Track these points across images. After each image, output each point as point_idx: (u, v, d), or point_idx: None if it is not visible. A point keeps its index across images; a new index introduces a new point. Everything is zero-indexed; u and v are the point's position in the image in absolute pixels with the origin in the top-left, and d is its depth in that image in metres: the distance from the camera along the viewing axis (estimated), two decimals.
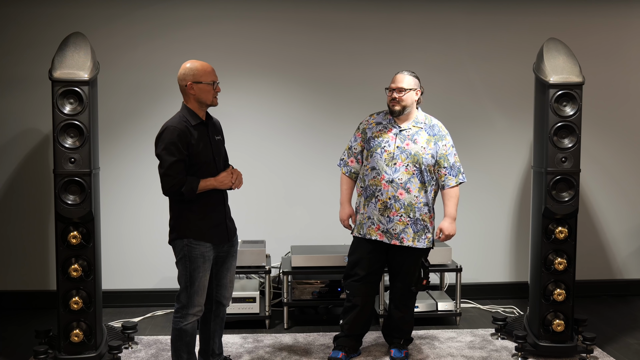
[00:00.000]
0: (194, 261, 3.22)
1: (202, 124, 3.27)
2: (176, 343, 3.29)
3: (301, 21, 4.98)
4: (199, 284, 3.24)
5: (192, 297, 3.24)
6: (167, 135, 3.13)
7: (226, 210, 3.38)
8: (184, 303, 3.25)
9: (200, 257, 3.22)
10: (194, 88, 3.20)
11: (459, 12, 5.07)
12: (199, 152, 3.19)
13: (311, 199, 5.06)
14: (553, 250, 3.94)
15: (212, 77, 3.23)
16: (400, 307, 3.88)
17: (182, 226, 3.23)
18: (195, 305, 3.26)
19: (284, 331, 4.42)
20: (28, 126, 4.86)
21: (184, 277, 3.24)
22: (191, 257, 3.22)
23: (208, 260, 3.26)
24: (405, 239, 3.69)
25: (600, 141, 5.23)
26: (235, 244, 3.46)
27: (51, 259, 4.83)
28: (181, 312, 3.26)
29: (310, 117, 5.04)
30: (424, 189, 3.70)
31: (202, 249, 3.23)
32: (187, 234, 3.22)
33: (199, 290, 3.25)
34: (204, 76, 3.21)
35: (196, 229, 3.22)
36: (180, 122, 3.18)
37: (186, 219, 3.23)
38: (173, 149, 3.11)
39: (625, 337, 4.36)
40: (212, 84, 3.22)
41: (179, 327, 3.26)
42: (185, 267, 3.24)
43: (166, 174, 3.12)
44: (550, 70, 3.86)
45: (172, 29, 4.88)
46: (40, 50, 4.72)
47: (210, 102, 3.25)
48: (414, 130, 3.73)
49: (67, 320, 3.72)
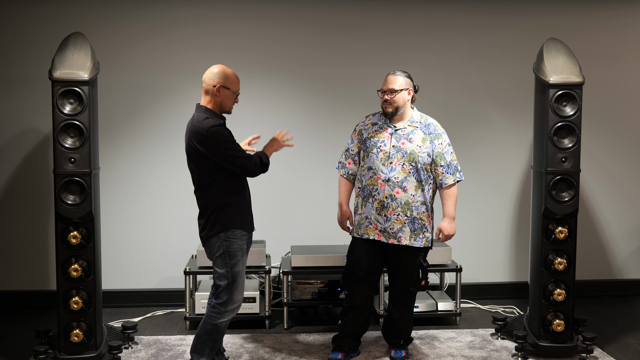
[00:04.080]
0: (234, 255, 3.28)
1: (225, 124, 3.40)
2: (204, 336, 3.32)
3: (301, 21, 4.98)
4: (241, 279, 3.30)
5: (233, 293, 3.29)
6: (221, 131, 3.25)
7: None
8: (224, 300, 3.29)
9: (239, 250, 3.30)
10: (221, 92, 3.30)
11: (459, 12, 5.07)
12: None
13: (311, 199, 5.06)
14: (553, 250, 3.94)
15: (238, 87, 3.37)
16: (400, 307, 3.88)
17: (225, 218, 3.28)
18: (235, 302, 3.31)
19: (284, 331, 4.42)
20: (28, 126, 4.86)
21: (225, 273, 3.28)
22: (230, 251, 3.27)
23: (245, 254, 3.34)
24: (402, 238, 3.69)
25: (600, 141, 5.23)
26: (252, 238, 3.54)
27: (51, 259, 4.83)
28: (219, 308, 3.30)
29: (310, 117, 5.04)
30: (421, 188, 3.70)
31: (239, 243, 3.30)
32: (229, 225, 3.27)
33: (239, 286, 3.31)
34: (233, 84, 3.33)
35: (238, 218, 3.31)
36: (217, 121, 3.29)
37: (231, 209, 3.29)
38: (232, 138, 3.29)
39: (625, 337, 4.36)
40: (237, 93, 3.35)
41: (215, 323, 3.31)
42: (225, 263, 3.28)
43: (246, 157, 3.28)
44: (550, 70, 3.86)
45: (172, 29, 4.88)
46: (40, 50, 4.72)
47: (228, 109, 3.37)
48: (410, 130, 3.73)
49: (67, 320, 3.72)
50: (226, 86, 3.29)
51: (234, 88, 3.33)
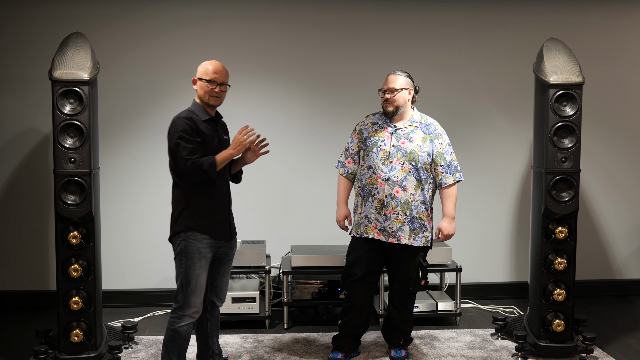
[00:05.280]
0: (190, 257, 3.18)
1: (212, 120, 3.31)
2: (168, 344, 3.23)
3: (301, 21, 4.98)
4: (196, 282, 3.19)
5: (189, 296, 3.19)
6: (179, 124, 3.17)
7: (229, 209, 3.39)
8: (181, 303, 3.20)
9: (196, 252, 3.18)
10: (197, 84, 3.28)
11: (459, 12, 5.07)
12: (206, 145, 3.21)
13: (311, 199, 5.06)
14: (553, 250, 3.94)
15: (209, 75, 3.25)
16: (400, 307, 3.88)
17: (186, 218, 3.21)
18: (192, 306, 3.20)
19: (284, 331, 4.42)
20: (28, 126, 4.86)
21: (180, 274, 3.21)
22: (187, 252, 3.19)
23: (204, 258, 3.21)
24: (402, 237, 3.69)
25: (600, 141, 5.23)
26: (234, 247, 3.45)
27: (51, 259, 4.83)
28: (177, 313, 3.20)
29: (310, 117, 5.04)
30: (421, 187, 3.70)
31: (198, 245, 3.18)
32: (190, 226, 3.19)
33: (195, 290, 3.20)
34: (203, 73, 3.26)
35: (200, 221, 3.20)
36: (189, 113, 3.23)
37: (192, 211, 3.21)
38: (187, 136, 3.14)
39: (625, 337, 4.36)
40: (212, 82, 3.24)
41: (174, 328, 3.21)
42: (181, 263, 3.20)
43: (186, 159, 3.12)
44: (550, 70, 3.86)
45: (172, 29, 4.88)
46: (40, 50, 4.72)
47: (206, 100, 3.27)
48: (410, 129, 3.73)
49: (67, 320, 3.72)
50: (199, 77, 3.26)
51: (205, 77, 3.24)
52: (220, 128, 3.38)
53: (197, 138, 3.17)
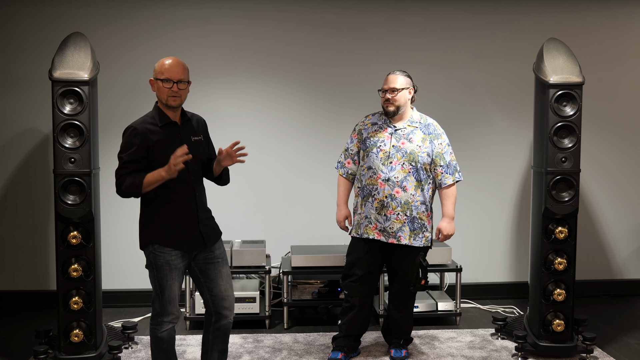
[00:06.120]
0: (160, 269, 3.05)
1: (172, 124, 3.08)
2: (154, 351, 3.17)
3: (301, 21, 4.98)
4: (169, 292, 3.07)
5: (165, 305, 3.09)
6: (125, 136, 3.04)
7: (200, 216, 3.12)
8: (158, 311, 3.11)
9: (165, 264, 3.04)
10: (154, 85, 3.05)
11: (459, 12, 5.07)
12: (162, 153, 2.99)
13: (311, 199, 5.06)
14: (553, 250, 3.94)
15: (167, 74, 2.99)
16: (400, 307, 3.88)
17: (149, 231, 3.09)
18: (170, 313, 3.10)
19: (284, 331, 4.42)
20: (28, 126, 4.86)
21: (154, 284, 3.11)
22: (157, 264, 3.06)
23: (175, 269, 3.06)
24: (402, 238, 3.69)
25: (600, 141, 5.23)
26: (216, 250, 3.19)
27: (51, 259, 4.83)
28: (156, 320, 3.13)
29: (310, 117, 5.04)
30: (421, 187, 3.70)
31: (166, 257, 3.04)
32: (153, 240, 3.06)
33: (171, 299, 3.08)
34: (159, 73, 3.01)
35: (162, 234, 3.05)
36: (142, 122, 3.05)
37: (153, 223, 3.08)
38: (127, 148, 3.00)
39: (625, 337, 4.36)
40: (165, 81, 2.99)
41: (156, 335, 3.13)
42: (153, 274, 3.09)
43: (115, 173, 3.01)
44: (550, 70, 3.86)
45: (172, 29, 4.88)
46: (40, 50, 4.72)
47: (164, 100, 3.02)
48: (409, 130, 3.73)
49: (67, 320, 3.72)
50: (154, 77, 3.03)
51: (159, 77, 3.00)
52: (185, 130, 3.12)
53: (139, 151, 2.98)
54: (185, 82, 3.05)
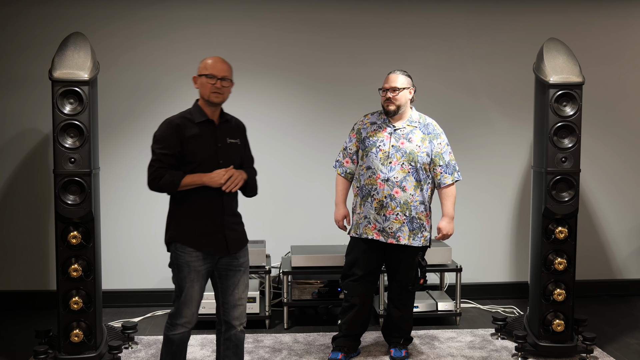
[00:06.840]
0: (181, 269, 3.02)
1: (208, 122, 3.07)
2: (163, 349, 3.14)
3: (301, 21, 4.98)
4: (187, 294, 3.02)
5: (180, 307, 3.06)
6: (160, 128, 3.03)
7: (226, 219, 3.08)
8: (174, 312, 3.08)
9: (185, 265, 3.01)
10: (197, 82, 3.08)
11: (459, 12, 5.07)
12: (195, 150, 2.99)
13: (311, 199, 5.06)
14: (553, 250, 3.94)
15: (212, 70, 3.02)
16: (399, 306, 3.88)
17: (172, 229, 3.05)
18: (183, 316, 3.06)
19: (284, 331, 4.42)
20: (28, 126, 4.86)
21: (175, 283, 3.09)
22: (178, 264, 3.03)
23: (195, 271, 3.02)
24: (401, 238, 3.69)
25: (600, 141, 5.23)
26: (241, 257, 3.13)
27: (51, 259, 4.83)
28: (171, 320, 3.09)
29: (310, 117, 5.04)
30: (420, 187, 3.71)
31: (187, 257, 3.01)
32: (175, 237, 3.03)
33: (187, 302, 3.03)
34: (203, 69, 3.04)
35: (184, 233, 3.02)
36: (180, 116, 3.05)
37: (177, 221, 3.05)
38: (162, 141, 2.98)
39: (625, 337, 4.36)
40: (209, 77, 3.01)
41: (167, 335, 3.10)
42: (174, 273, 3.07)
43: (150, 165, 2.98)
44: (550, 70, 3.86)
45: (172, 29, 4.88)
46: (40, 50, 4.72)
47: (206, 97, 3.03)
48: (409, 129, 3.73)
49: (67, 320, 3.72)
50: (199, 73, 3.05)
51: (204, 72, 3.03)
52: (221, 130, 3.10)
53: (174, 145, 2.97)
54: (228, 80, 3.07)
